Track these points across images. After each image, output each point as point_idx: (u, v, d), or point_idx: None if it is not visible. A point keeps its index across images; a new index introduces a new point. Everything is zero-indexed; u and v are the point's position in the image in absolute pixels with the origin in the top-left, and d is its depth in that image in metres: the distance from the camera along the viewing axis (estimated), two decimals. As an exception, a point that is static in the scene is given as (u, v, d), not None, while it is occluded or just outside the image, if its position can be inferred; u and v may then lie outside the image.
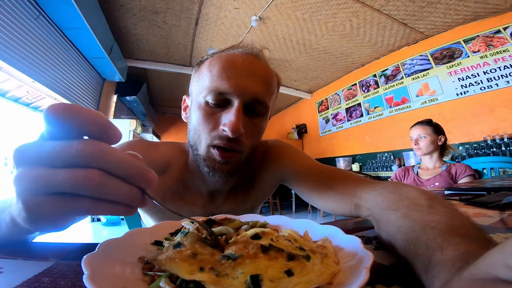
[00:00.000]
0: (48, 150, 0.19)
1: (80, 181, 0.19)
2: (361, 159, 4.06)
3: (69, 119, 0.19)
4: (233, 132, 0.43)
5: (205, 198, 0.58)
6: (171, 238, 0.26)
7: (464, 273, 0.16)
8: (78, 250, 0.31)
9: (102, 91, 3.48)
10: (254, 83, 0.46)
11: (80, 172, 0.19)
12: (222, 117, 0.45)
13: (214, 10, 2.60)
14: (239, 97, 0.45)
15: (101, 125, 0.20)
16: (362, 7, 2.54)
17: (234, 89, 0.44)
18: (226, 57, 0.48)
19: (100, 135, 0.20)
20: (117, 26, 2.85)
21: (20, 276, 0.23)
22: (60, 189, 0.19)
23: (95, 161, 0.19)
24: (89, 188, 0.19)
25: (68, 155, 0.19)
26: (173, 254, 0.21)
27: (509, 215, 0.46)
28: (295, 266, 0.18)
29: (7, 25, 1.83)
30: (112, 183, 0.20)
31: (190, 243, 0.23)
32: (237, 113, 0.44)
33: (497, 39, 2.57)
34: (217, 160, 0.46)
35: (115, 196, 0.20)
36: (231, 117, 0.43)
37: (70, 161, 0.19)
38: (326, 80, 4.56)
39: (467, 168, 1.51)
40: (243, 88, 0.45)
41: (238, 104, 0.44)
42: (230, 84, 0.44)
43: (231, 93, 0.45)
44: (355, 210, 0.46)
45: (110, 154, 0.20)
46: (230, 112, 0.45)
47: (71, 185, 0.19)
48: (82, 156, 0.19)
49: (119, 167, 0.20)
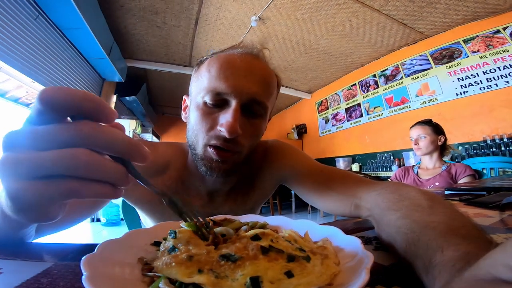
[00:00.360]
0: (35, 132, 0.19)
1: (66, 160, 0.18)
2: (361, 159, 4.06)
3: (62, 99, 0.19)
4: (229, 132, 0.43)
5: (204, 198, 0.57)
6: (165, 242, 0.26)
7: (464, 273, 0.16)
8: (77, 250, 0.31)
9: (101, 91, 3.47)
10: (252, 83, 0.46)
11: (66, 151, 0.18)
12: (220, 118, 0.45)
13: (213, 10, 2.60)
14: (236, 97, 0.44)
15: (95, 103, 0.20)
16: (361, 7, 2.54)
17: (231, 89, 0.44)
18: (225, 57, 0.48)
19: (95, 114, 0.20)
20: (117, 26, 2.85)
21: (19, 277, 0.23)
22: (44, 171, 0.18)
23: (82, 140, 0.19)
24: (76, 167, 0.18)
25: (54, 136, 0.18)
26: (169, 259, 0.21)
27: (509, 215, 0.46)
28: (295, 267, 0.18)
29: (7, 25, 1.82)
30: (100, 161, 0.19)
31: (184, 245, 0.22)
32: (234, 114, 0.43)
33: (497, 39, 2.57)
34: (214, 159, 0.46)
35: (102, 175, 0.19)
36: (228, 118, 0.43)
37: (56, 143, 0.18)
38: (325, 80, 4.56)
39: (467, 168, 1.51)
40: (241, 88, 0.45)
41: (236, 105, 0.44)
42: (228, 85, 0.44)
43: (228, 93, 0.44)
44: (355, 211, 0.46)
45: (99, 132, 0.19)
46: (227, 112, 0.44)
47: (57, 166, 0.18)
48: (69, 136, 0.18)
49: (109, 145, 0.19)
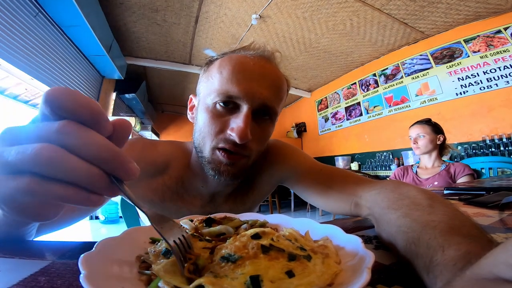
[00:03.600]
0: (23, 130, 0.18)
1: (28, 154, 0.17)
2: (360, 158, 4.07)
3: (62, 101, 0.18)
4: (240, 138, 0.42)
5: (205, 199, 0.57)
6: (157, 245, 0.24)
7: (466, 272, 0.16)
8: (75, 248, 0.31)
9: (101, 89, 3.46)
10: (264, 89, 0.45)
11: (32, 145, 0.17)
12: (230, 121, 0.44)
13: (214, 8, 2.59)
14: (248, 102, 0.44)
15: (92, 110, 0.19)
16: (362, 6, 2.53)
17: (243, 93, 0.43)
18: (237, 59, 0.47)
19: (90, 121, 0.19)
20: (117, 24, 2.83)
21: (17, 275, 0.23)
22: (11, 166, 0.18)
23: (61, 137, 0.18)
24: (37, 162, 0.17)
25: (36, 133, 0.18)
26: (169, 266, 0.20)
27: (508, 215, 0.46)
28: (296, 266, 0.18)
29: (6, 23, 1.81)
30: (67, 159, 0.18)
31: None
32: (245, 119, 0.43)
33: (498, 39, 2.57)
34: (223, 162, 0.45)
35: (68, 174, 0.18)
36: (240, 123, 0.42)
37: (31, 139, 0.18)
38: (325, 79, 4.55)
39: (466, 167, 1.52)
40: (253, 93, 0.44)
41: (247, 110, 0.44)
42: (240, 89, 0.43)
43: (240, 97, 0.44)
44: (355, 209, 0.46)
45: (80, 132, 0.18)
46: (238, 117, 0.44)
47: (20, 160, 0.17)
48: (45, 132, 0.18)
49: (88, 148, 0.18)
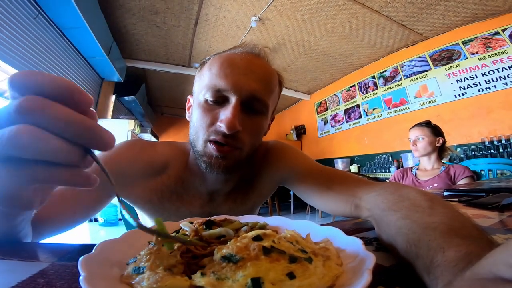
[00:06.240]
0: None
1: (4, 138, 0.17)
2: (360, 160, 4.07)
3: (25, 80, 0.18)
4: (228, 128, 0.43)
5: (204, 198, 0.57)
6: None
7: (466, 272, 0.16)
8: (75, 250, 0.31)
9: (100, 91, 3.47)
10: (251, 81, 0.46)
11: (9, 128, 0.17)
12: (220, 114, 0.46)
13: (213, 10, 2.60)
14: (236, 94, 0.45)
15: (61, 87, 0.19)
16: (361, 9, 2.55)
17: (231, 86, 0.45)
18: (226, 56, 0.49)
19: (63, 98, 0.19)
20: (116, 26, 2.84)
21: (15, 277, 0.22)
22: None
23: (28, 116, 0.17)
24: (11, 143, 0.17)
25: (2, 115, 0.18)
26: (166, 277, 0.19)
27: (508, 216, 0.46)
28: (297, 268, 0.18)
29: (6, 24, 1.82)
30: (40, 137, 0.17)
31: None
32: (233, 110, 0.44)
33: (496, 40, 2.59)
34: (214, 155, 0.46)
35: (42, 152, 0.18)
36: (228, 114, 0.44)
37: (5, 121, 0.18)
38: (325, 81, 4.57)
39: (466, 169, 1.52)
40: (240, 85, 0.45)
41: (235, 101, 0.45)
42: (227, 82, 0.45)
43: (228, 90, 0.45)
44: (355, 211, 0.46)
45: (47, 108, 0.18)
46: (227, 109, 0.45)
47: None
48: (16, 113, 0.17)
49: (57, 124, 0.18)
